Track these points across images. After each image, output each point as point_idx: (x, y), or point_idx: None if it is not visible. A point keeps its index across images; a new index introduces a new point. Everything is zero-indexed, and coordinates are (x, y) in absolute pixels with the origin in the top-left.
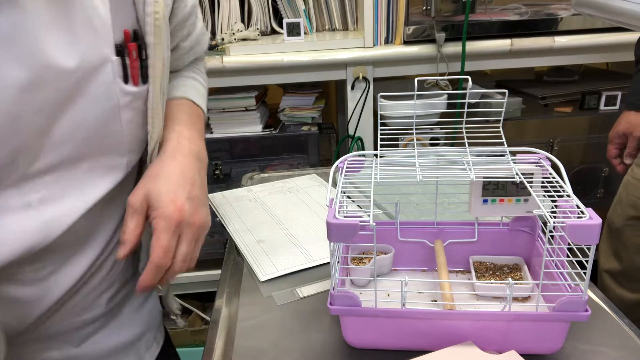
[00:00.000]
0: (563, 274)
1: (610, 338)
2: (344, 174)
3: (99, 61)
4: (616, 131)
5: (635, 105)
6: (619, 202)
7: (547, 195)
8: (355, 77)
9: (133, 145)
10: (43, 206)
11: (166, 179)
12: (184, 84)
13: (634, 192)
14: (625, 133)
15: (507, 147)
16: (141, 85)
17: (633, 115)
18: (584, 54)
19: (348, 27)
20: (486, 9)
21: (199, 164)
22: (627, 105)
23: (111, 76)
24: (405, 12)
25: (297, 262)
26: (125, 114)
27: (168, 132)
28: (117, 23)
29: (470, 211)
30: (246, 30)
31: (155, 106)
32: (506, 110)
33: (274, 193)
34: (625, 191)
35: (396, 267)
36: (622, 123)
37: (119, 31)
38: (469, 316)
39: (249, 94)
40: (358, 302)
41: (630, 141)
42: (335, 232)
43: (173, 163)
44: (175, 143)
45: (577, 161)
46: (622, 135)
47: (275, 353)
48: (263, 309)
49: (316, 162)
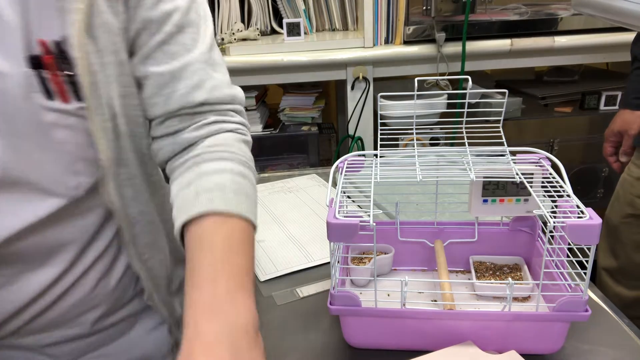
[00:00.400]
0: (563, 274)
1: (610, 337)
2: (344, 174)
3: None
4: (611, 129)
5: (631, 104)
6: (616, 199)
7: (547, 195)
8: (355, 77)
9: (80, 166)
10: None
11: None
12: (203, 186)
13: (630, 190)
14: (621, 131)
15: (507, 147)
16: (75, 102)
17: (628, 114)
18: (584, 54)
19: (348, 27)
20: (486, 9)
21: (242, 338)
22: (622, 104)
23: (22, 90)
24: (405, 12)
25: (297, 262)
26: (57, 133)
27: (184, 307)
28: (31, 31)
29: (470, 211)
30: (246, 30)
31: (96, 127)
32: (506, 110)
33: (274, 193)
34: (622, 189)
35: (396, 267)
36: (617, 121)
37: (34, 41)
38: (469, 316)
39: (249, 94)
40: (358, 302)
41: (625, 139)
42: (335, 232)
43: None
44: (192, 329)
45: (577, 161)
46: (617, 134)
47: (275, 353)
48: (263, 309)
49: (316, 162)
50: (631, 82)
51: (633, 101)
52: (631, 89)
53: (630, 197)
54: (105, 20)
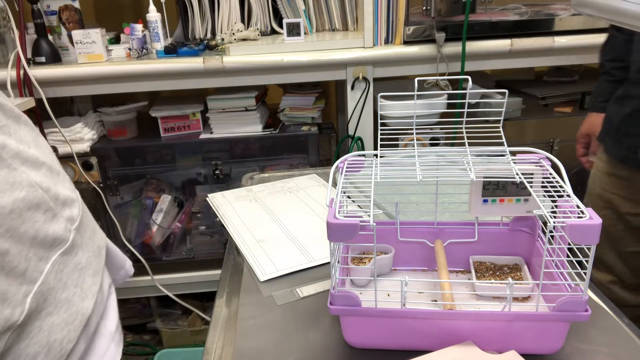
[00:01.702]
0: (563, 274)
1: (610, 338)
2: (344, 174)
3: None
4: (581, 132)
5: (597, 107)
6: (588, 194)
7: (547, 195)
8: (355, 77)
9: None
10: None
11: None
12: None
13: (598, 184)
14: (588, 133)
15: (507, 147)
16: None
17: (594, 117)
18: (584, 54)
19: (348, 27)
20: (486, 9)
21: None
22: (589, 108)
23: None
24: (405, 12)
25: (297, 262)
26: None
27: None
28: None
29: (470, 211)
30: (246, 30)
31: None
32: (506, 110)
33: (274, 193)
34: (592, 184)
35: (396, 267)
36: (585, 124)
37: None
38: (469, 316)
39: (249, 94)
40: (358, 302)
41: (593, 140)
42: (336, 232)
43: None
44: None
45: (577, 161)
46: (586, 135)
47: (275, 353)
48: (263, 309)
49: (316, 162)
50: (597, 87)
51: (599, 104)
52: (597, 93)
53: (598, 190)
54: None
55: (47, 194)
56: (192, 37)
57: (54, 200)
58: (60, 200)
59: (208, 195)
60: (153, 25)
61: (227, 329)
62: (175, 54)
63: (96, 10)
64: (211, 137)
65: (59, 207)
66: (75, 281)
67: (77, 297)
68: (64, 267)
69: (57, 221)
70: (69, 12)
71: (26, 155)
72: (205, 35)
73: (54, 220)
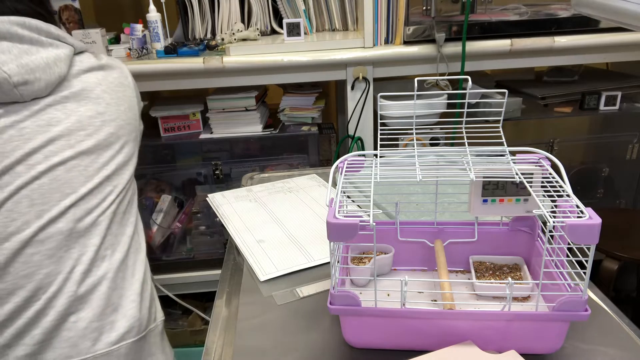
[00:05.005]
0: (563, 274)
1: (610, 338)
2: (344, 174)
3: None
4: None
5: None
6: None
7: (547, 195)
8: (355, 77)
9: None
10: None
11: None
12: None
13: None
14: None
15: (507, 147)
16: None
17: None
18: (584, 54)
19: (348, 27)
20: (486, 9)
21: None
22: None
23: None
24: (405, 12)
25: (297, 262)
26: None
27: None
28: None
29: (470, 211)
30: (246, 31)
31: None
32: (506, 110)
33: (274, 193)
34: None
35: (396, 267)
36: None
37: None
38: (469, 316)
39: (249, 94)
40: (358, 301)
41: None
42: (335, 232)
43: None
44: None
45: (577, 161)
46: None
47: (275, 353)
48: (263, 309)
49: (316, 162)
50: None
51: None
52: None
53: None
54: None
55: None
56: (192, 37)
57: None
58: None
59: (208, 195)
60: (153, 25)
61: (227, 329)
62: (175, 54)
63: (96, 10)
64: (211, 137)
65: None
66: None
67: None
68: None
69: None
70: (69, 12)
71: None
72: (205, 35)
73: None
